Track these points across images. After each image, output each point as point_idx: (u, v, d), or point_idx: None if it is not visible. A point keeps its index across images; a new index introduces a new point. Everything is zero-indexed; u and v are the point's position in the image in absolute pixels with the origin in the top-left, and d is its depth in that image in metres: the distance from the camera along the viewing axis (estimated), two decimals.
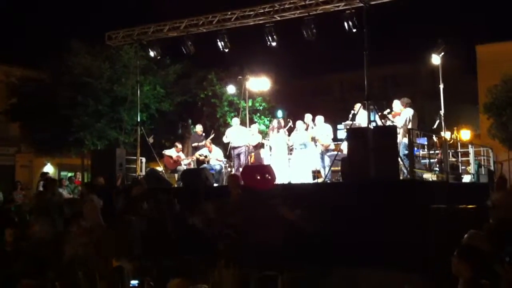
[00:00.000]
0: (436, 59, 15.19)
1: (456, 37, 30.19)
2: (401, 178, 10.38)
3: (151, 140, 15.62)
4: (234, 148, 14.33)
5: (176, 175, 15.10)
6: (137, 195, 10.06)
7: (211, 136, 15.30)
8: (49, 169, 28.96)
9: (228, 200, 8.85)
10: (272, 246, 7.69)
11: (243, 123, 15.58)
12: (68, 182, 17.85)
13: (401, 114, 11.80)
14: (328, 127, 13.49)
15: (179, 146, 15.43)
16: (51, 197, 10.90)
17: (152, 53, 15.62)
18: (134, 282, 6.61)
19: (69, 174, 24.83)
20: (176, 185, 14.30)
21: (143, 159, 15.36)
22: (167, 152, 15.37)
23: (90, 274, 6.98)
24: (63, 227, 8.99)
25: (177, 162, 14.94)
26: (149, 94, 22.88)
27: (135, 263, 7.28)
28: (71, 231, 8.01)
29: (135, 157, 14.85)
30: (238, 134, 14.41)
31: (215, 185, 13.11)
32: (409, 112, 11.61)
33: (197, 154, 14.85)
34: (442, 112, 14.05)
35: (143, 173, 14.72)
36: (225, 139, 14.77)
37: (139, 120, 15.82)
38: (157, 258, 7.69)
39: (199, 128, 15.92)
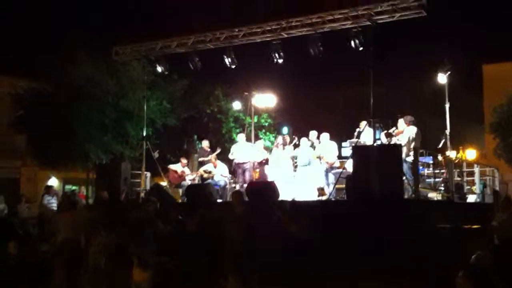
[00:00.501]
0: (442, 78, 15.25)
1: (462, 56, 30.22)
2: (405, 196, 10.34)
3: (156, 154, 15.65)
4: (239, 164, 14.33)
5: (180, 190, 15.09)
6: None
7: (217, 152, 15.32)
8: (53, 182, 28.93)
9: (232, 215, 8.86)
10: (275, 260, 7.69)
11: (248, 139, 15.61)
12: None
13: (404, 132, 11.79)
14: (333, 145, 13.49)
15: (185, 161, 15.45)
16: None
17: (159, 69, 15.74)
18: None
19: (73, 188, 24.88)
20: (180, 200, 14.29)
21: (148, 174, 15.38)
22: (172, 166, 15.39)
23: None
24: None
25: (182, 177, 14.95)
26: (156, 109, 22.97)
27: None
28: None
29: (140, 172, 14.87)
30: (243, 150, 14.43)
31: (219, 200, 13.10)
32: (412, 130, 11.60)
33: (201, 169, 14.86)
34: (447, 131, 14.07)
35: (148, 187, 14.73)
36: (231, 156, 14.78)
37: (145, 134, 15.86)
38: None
39: (205, 144, 15.94)
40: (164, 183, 15.42)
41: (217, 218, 9.08)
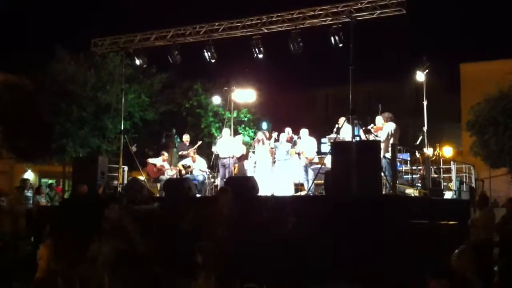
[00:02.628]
0: (420, 76, 15.38)
1: (440, 55, 30.59)
2: (383, 192, 10.40)
3: (134, 148, 15.50)
4: (220, 158, 14.28)
5: (158, 185, 14.98)
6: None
7: (197, 145, 15.23)
8: (29, 175, 28.59)
9: (214, 211, 8.82)
10: (254, 258, 7.67)
11: None
12: (48, 190, 17.63)
13: (383, 128, 11.85)
14: (313, 141, 13.52)
15: (166, 155, 15.33)
16: None
17: (138, 62, 15.57)
18: None
19: (50, 181, 24.57)
20: (158, 195, 14.19)
21: (126, 168, 15.22)
22: (151, 160, 15.27)
23: None
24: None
25: (160, 171, 14.84)
26: (134, 102, 22.81)
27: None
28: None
29: (117, 166, 14.72)
30: (226, 145, 14.37)
31: (198, 195, 13.03)
32: (391, 127, 11.66)
33: (180, 164, 14.76)
34: (425, 128, 14.20)
35: (125, 182, 14.59)
36: (214, 149, 14.71)
37: (122, 128, 15.69)
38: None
39: (185, 138, 15.83)
40: (142, 178, 15.29)
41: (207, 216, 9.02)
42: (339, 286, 8.47)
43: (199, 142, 15.70)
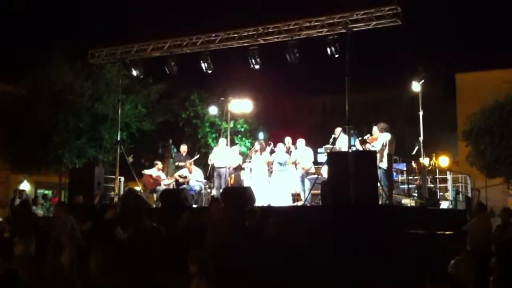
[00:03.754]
0: (416, 86, 15.43)
1: (436, 64, 30.70)
2: (380, 202, 10.42)
3: (130, 159, 15.51)
4: (216, 168, 14.28)
5: (155, 195, 14.97)
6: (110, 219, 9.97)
7: (195, 158, 15.22)
8: (25, 186, 28.50)
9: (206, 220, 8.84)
10: (247, 266, 7.66)
11: None
12: (43, 201, 17.59)
13: (378, 138, 11.90)
14: (309, 151, 13.53)
15: (160, 165, 15.32)
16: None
17: (134, 72, 15.62)
18: None
19: (46, 192, 24.50)
20: (154, 205, 14.18)
21: (122, 179, 15.23)
22: (147, 171, 15.25)
23: None
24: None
25: (157, 181, 14.83)
26: (130, 113, 22.81)
27: None
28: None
29: (113, 176, 14.71)
30: (222, 155, 14.37)
31: (194, 206, 13.02)
32: (386, 137, 11.71)
33: (176, 174, 14.76)
34: (421, 138, 14.22)
35: (122, 192, 14.58)
36: (210, 160, 14.68)
37: (119, 138, 15.70)
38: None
39: (183, 148, 15.82)
40: (138, 188, 15.29)
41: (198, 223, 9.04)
42: None
43: (197, 155, 15.67)
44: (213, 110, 23.48)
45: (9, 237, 9.85)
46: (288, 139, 14.04)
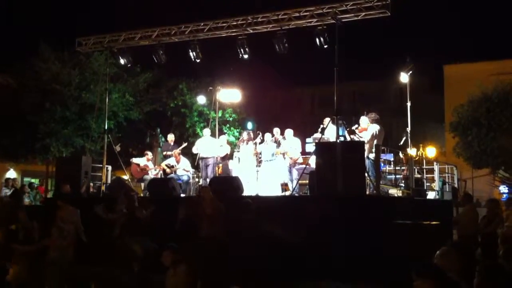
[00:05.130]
0: (404, 77, 15.48)
1: (424, 56, 30.85)
2: (367, 193, 10.45)
3: (118, 148, 15.41)
4: (203, 158, 14.25)
5: (142, 184, 14.91)
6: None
7: (182, 146, 15.17)
8: (11, 175, 28.32)
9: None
10: (239, 258, 7.68)
11: (212, 134, 15.52)
12: (30, 190, 17.46)
13: (367, 129, 11.91)
14: (297, 141, 13.54)
15: (150, 155, 15.25)
16: None
17: (122, 61, 15.51)
18: None
19: (32, 180, 24.34)
20: (142, 195, 14.12)
21: (109, 167, 15.14)
22: (135, 160, 15.18)
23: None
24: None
25: (144, 170, 14.76)
26: (118, 102, 22.68)
27: None
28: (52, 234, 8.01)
29: (101, 165, 14.63)
30: (208, 145, 14.34)
31: (182, 195, 13.00)
32: (375, 128, 11.72)
33: (163, 164, 14.70)
34: (408, 129, 14.29)
35: (109, 181, 14.51)
36: (194, 150, 14.67)
37: (106, 127, 15.59)
38: None
39: (170, 138, 15.76)
40: (125, 177, 15.22)
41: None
42: (325, 284, 8.51)
43: (184, 144, 15.63)
44: (201, 99, 23.39)
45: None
46: (276, 130, 14.03)
